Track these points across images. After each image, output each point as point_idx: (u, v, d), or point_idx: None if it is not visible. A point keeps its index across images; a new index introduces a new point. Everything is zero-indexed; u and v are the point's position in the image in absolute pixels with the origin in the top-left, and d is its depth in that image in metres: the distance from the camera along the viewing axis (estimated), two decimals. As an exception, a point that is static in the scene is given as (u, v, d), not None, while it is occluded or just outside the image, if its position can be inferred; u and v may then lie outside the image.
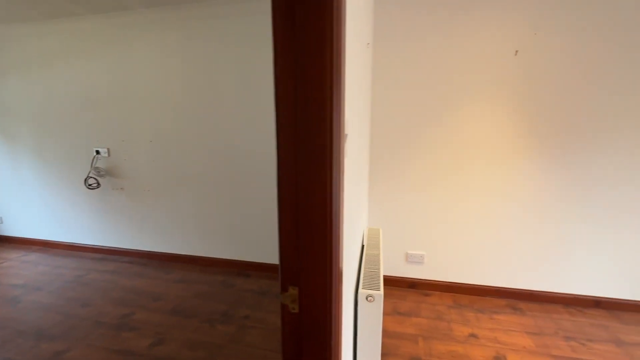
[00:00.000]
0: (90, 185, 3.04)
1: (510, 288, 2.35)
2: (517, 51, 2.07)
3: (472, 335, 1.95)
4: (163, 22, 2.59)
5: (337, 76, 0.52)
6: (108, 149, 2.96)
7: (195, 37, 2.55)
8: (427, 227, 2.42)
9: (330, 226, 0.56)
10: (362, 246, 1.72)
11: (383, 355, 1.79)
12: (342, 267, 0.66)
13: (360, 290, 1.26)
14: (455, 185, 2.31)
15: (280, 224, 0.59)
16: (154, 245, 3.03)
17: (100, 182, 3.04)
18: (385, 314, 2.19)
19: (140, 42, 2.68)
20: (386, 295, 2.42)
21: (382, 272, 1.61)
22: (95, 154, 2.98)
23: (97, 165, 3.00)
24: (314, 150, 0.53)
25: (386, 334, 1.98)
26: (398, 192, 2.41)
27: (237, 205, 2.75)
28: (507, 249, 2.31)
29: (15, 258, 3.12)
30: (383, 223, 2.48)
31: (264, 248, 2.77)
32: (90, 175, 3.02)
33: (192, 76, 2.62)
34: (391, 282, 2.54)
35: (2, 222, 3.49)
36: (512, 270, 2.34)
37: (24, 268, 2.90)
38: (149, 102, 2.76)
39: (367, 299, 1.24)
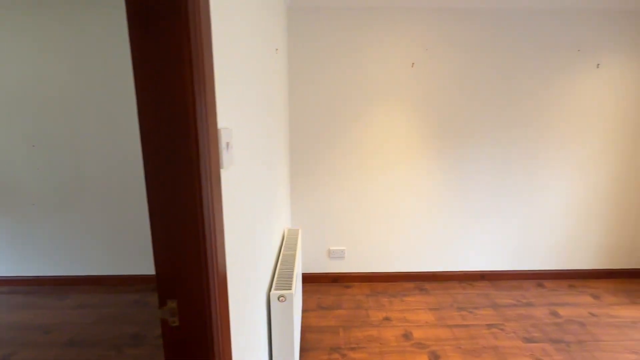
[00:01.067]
0: (-56, 202, 2.42)
1: (418, 272, 2.67)
2: (413, 64, 2.36)
3: (386, 319, 2.16)
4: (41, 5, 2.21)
5: (200, 80, 0.53)
6: (-30, 156, 2.39)
7: (85, 25, 2.24)
8: (346, 224, 2.58)
9: (203, 235, 0.56)
10: (281, 247, 1.75)
11: (306, 350, 1.86)
12: (225, 273, 0.67)
13: (272, 291, 1.28)
14: (370, 183, 2.51)
15: (152, 236, 0.57)
16: (42, 269, 2.56)
17: (-39, 198, 2.44)
18: (309, 310, 2.27)
19: (6, 29, 2.23)
20: (310, 292, 2.50)
21: (298, 271, 1.66)
22: (-50, 162, 2.38)
23: (-46, 177, 2.40)
24: (179, 159, 0.53)
25: (310, 329, 2.05)
26: (319, 192, 2.52)
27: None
28: (414, 237, 2.62)
29: None
30: (306, 222, 2.56)
31: (183, 259, 2.59)
32: (-56, 189, 2.40)
33: (84, 68, 2.29)
34: (315, 279, 2.64)
35: None
36: (419, 256, 2.65)
37: None
38: (26, 100, 2.32)
39: (278, 299, 1.27)
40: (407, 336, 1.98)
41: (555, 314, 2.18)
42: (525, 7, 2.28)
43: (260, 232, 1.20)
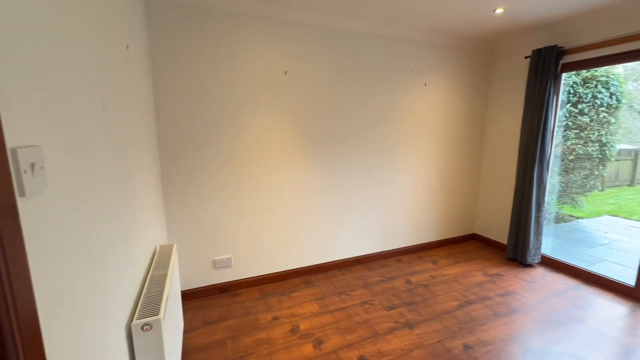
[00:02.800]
0: None
1: (304, 267, 2.85)
2: (286, 72, 2.48)
3: (275, 318, 2.22)
4: None
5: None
6: None
7: None
8: (230, 231, 2.51)
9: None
10: (150, 268, 1.56)
11: (189, 374, 1.72)
12: (37, 322, 0.56)
13: (133, 322, 1.13)
14: (250, 187, 2.52)
15: None
16: None
17: None
18: (194, 329, 2.11)
19: None
20: (195, 309, 2.33)
21: (173, 291, 1.52)
22: None
23: None
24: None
25: (194, 350, 1.91)
26: (198, 201, 2.36)
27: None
28: (298, 235, 2.78)
29: None
30: (185, 235, 2.36)
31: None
32: None
33: None
34: (200, 294, 2.48)
35: None
36: (304, 252, 2.83)
37: None
38: None
39: (142, 328, 1.13)
40: (294, 330, 2.09)
41: (409, 282, 2.72)
42: (377, 33, 2.73)
43: (111, 258, 1.04)
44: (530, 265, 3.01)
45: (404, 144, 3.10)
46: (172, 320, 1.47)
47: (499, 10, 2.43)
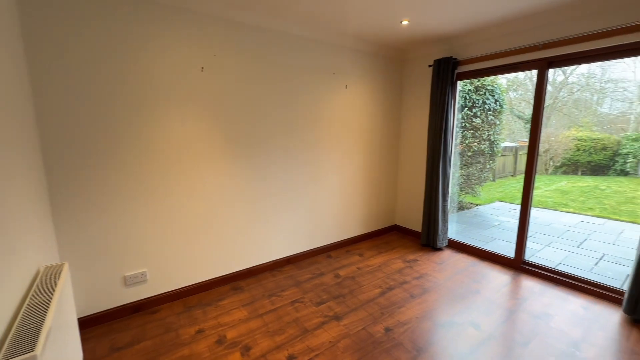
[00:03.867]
0: None
1: (233, 272, 2.72)
2: (202, 68, 2.33)
3: (199, 332, 2.07)
4: None
5: None
6: None
7: None
8: (144, 242, 2.25)
9: None
10: (27, 295, 1.29)
11: (90, 412, 1.48)
12: None
13: (-3, 365, 0.92)
14: (167, 192, 2.30)
15: None
16: None
17: None
18: (100, 358, 1.83)
19: None
20: (100, 335, 2.02)
21: (66, 319, 1.28)
22: None
23: None
24: None
25: (98, 383, 1.66)
26: (98, 213, 2.04)
27: None
28: (225, 239, 2.64)
29: None
30: (83, 252, 2.02)
31: None
32: None
33: None
34: (108, 317, 2.16)
35: None
36: (232, 256, 2.71)
37: None
38: None
39: (11, 371, 0.93)
40: (220, 341, 1.98)
41: (337, 276, 2.83)
42: (298, 33, 2.75)
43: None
44: (440, 249, 3.42)
45: (329, 144, 3.21)
46: (59, 354, 1.24)
47: (405, 22, 2.69)
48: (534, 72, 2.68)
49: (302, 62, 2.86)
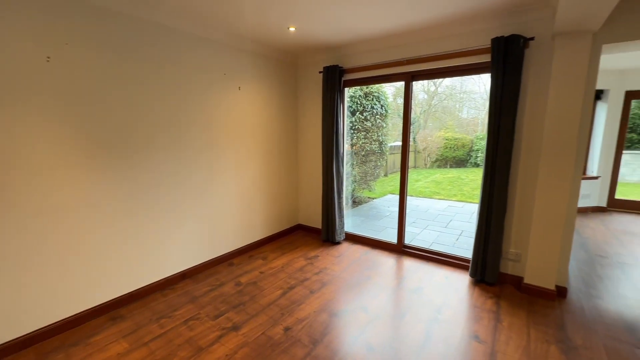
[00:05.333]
0: None
1: (110, 300, 2.33)
2: (49, 58, 1.90)
3: (59, 381, 1.69)
4: None
5: None
6: None
7: None
8: (-34, 282, 1.70)
9: None
10: None
11: None
12: None
13: None
14: (10, 211, 1.79)
15: None
16: None
17: None
18: None
19: None
20: None
21: None
22: None
23: None
24: None
25: None
26: None
27: None
28: (96, 263, 2.23)
29: None
30: None
31: None
32: None
33: None
34: None
35: None
36: (108, 282, 2.31)
37: None
38: None
39: None
40: (89, 386, 1.66)
41: (238, 284, 2.74)
42: (182, 29, 2.52)
43: None
44: (338, 243, 3.69)
45: (225, 148, 3.07)
46: None
47: (292, 29, 2.78)
48: (415, 82, 3.13)
49: (188, 61, 2.65)
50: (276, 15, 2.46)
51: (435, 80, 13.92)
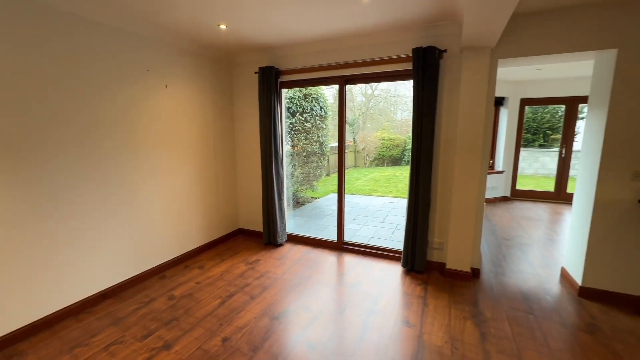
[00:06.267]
0: None
1: (5, 335, 1.95)
2: None
3: None
4: None
5: None
6: None
7: None
8: None
9: None
10: None
11: None
12: None
13: None
14: None
15: None
16: None
17: None
18: None
19: None
20: None
21: None
22: None
23: None
24: None
25: None
26: None
27: None
28: (-18, 294, 1.85)
29: None
30: None
31: None
32: None
33: None
34: None
35: None
36: (1, 313, 1.93)
37: None
38: None
39: None
40: None
41: (171, 298, 2.53)
42: (92, 18, 2.22)
43: None
44: (280, 245, 3.67)
45: (152, 150, 2.81)
46: None
47: (223, 27, 2.68)
48: (353, 86, 3.25)
49: (102, 55, 2.35)
50: (201, 9, 2.34)
51: (372, 84, 14.77)
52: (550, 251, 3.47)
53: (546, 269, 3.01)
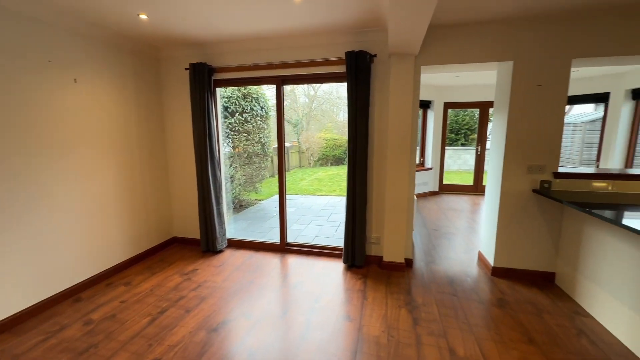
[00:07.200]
0: None
1: None
2: None
3: None
4: None
5: None
6: None
7: None
8: None
9: None
10: None
11: None
12: None
13: None
14: None
15: None
16: None
17: None
18: None
19: None
20: None
21: None
22: None
23: None
24: None
25: None
26: None
27: None
28: None
29: None
30: None
31: None
32: None
33: None
34: None
35: None
36: None
37: None
38: None
39: None
40: None
41: (88, 323, 2.22)
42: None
43: None
44: (220, 251, 3.49)
45: (60, 150, 2.42)
46: None
47: (143, 17, 2.43)
48: (295, 86, 3.21)
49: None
50: (118, -3, 2.09)
51: (315, 85, 15.00)
52: (471, 238, 3.93)
53: (467, 254, 3.39)
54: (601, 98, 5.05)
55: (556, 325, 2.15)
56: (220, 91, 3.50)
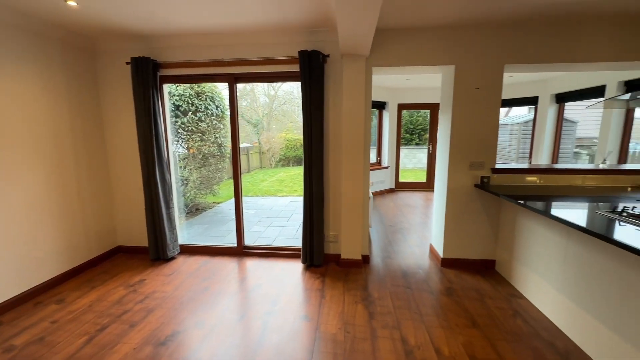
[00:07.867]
0: None
1: None
2: None
3: None
4: None
5: None
6: None
7: None
8: None
9: None
10: None
11: None
12: None
13: None
14: None
15: None
16: None
17: None
18: None
19: None
20: None
21: None
22: None
23: None
24: None
25: None
26: None
27: None
28: None
29: None
30: None
31: None
32: None
33: None
34: None
35: None
36: None
37: None
38: None
39: None
40: None
41: (9, 349, 1.94)
42: None
43: None
44: (172, 259, 3.28)
45: (-36, 157, 2.09)
46: None
47: (73, 3, 2.19)
48: (255, 85, 3.09)
49: None
50: (38, -20, 1.86)
51: (275, 85, 14.82)
52: (423, 232, 4.15)
53: (420, 248, 3.57)
54: (532, 101, 5.65)
55: (496, 308, 2.34)
56: (169, 89, 3.28)
